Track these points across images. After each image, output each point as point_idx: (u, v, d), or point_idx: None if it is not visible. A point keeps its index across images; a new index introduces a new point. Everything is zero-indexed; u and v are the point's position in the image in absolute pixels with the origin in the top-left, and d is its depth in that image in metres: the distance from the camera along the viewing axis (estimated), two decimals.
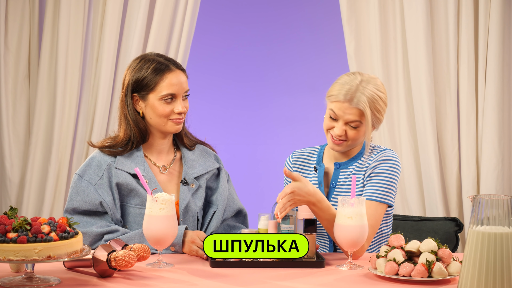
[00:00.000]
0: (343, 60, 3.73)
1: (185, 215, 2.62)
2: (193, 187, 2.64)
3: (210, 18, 4.41)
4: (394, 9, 3.55)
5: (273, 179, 4.61)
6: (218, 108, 4.51)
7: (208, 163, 2.71)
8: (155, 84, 2.57)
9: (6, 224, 2.01)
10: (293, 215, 2.44)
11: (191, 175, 2.65)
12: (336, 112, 2.59)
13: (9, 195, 3.59)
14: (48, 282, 2.05)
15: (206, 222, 2.68)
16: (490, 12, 3.44)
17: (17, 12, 3.56)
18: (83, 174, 2.56)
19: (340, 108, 2.58)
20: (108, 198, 2.53)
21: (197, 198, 2.65)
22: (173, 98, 2.58)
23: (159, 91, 2.57)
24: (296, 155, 2.78)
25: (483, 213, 1.89)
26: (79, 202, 2.53)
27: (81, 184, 2.54)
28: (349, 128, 2.58)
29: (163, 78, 2.57)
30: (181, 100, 2.59)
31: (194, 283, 2.11)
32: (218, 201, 2.69)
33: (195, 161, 2.69)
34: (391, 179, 2.59)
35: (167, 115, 2.58)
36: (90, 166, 2.57)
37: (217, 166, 2.73)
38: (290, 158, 2.78)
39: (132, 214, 2.57)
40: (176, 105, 2.58)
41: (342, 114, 2.58)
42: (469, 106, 3.49)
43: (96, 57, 3.60)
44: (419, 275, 2.12)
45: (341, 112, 2.58)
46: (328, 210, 2.43)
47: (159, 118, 2.58)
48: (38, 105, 3.56)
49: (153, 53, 2.65)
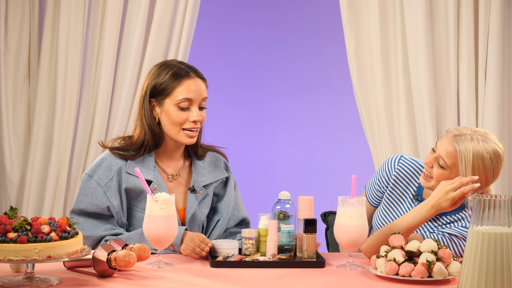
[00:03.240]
0: (343, 60, 3.73)
1: (191, 223, 2.61)
2: (201, 195, 2.63)
3: (210, 18, 4.41)
4: (394, 9, 3.55)
5: (272, 179, 4.62)
6: (217, 108, 4.51)
7: (217, 171, 2.69)
8: (172, 89, 2.54)
9: (6, 224, 2.01)
10: (293, 215, 2.45)
11: (199, 183, 2.64)
12: (437, 144, 2.42)
13: (9, 195, 3.59)
14: (48, 282, 2.05)
15: (209, 229, 2.67)
16: (490, 12, 3.44)
17: (17, 12, 3.56)
18: (92, 175, 2.54)
19: (442, 141, 2.41)
20: (116, 202, 2.52)
21: (204, 206, 2.64)
22: (189, 105, 2.54)
23: (176, 96, 2.53)
24: (404, 163, 2.58)
25: (483, 213, 1.89)
26: (86, 204, 2.52)
27: (89, 185, 2.53)
28: (436, 166, 2.42)
29: (181, 84, 2.54)
30: (197, 108, 2.55)
31: (194, 283, 2.11)
32: (222, 210, 2.67)
33: (204, 168, 2.66)
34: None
35: (181, 123, 2.53)
36: (100, 167, 2.55)
37: (226, 175, 2.70)
38: (395, 164, 2.58)
39: (138, 217, 2.56)
40: (191, 113, 2.53)
41: (438, 146, 2.41)
42: (469, 106, 3.49)
43: (96, 57, 3.60)
44: (419, 275, 2.12)
45: (439, 144, 2.41)
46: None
47: (173, 126, 2.54)
48: (38, 105, 3.56)
49: (175, 60, 2.63)
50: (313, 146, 4.55)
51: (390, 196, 2.61)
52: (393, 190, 2.60)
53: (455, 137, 2.38)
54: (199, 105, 2.56)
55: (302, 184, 4.52)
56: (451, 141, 2.38)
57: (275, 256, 2.37)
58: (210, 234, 2.66)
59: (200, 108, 2.57)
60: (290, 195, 2.48)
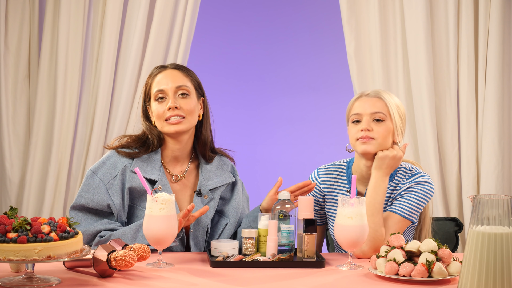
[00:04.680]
0: (343, 60, 3.73)
1: (196, 226, 2.60)
2: (206, 199, 2.63)
3: (210, 18, 4.41)
4: (394, 9, 3.55)
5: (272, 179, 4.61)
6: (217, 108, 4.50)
7: (224, 175, 2.69)
8: (150, 88, 2.62)
9: (6, 224, 2.01)
10: (293, 215, 2.45)
11: (206, 186, 2.64)
12: (358, 110, 2.57)
13: (9, 195, 3.59)
14: (48, 282, 2.05)
15: (216, 233, 2.65)
16: (490, 12, 3.44)
17: (17, 12, 3.56)
18: (96, 171, 2.56)
19: (361, 105, 2.57)
20: (117, 200, 2.52)
21: (209, 210, 2.63)
22: (163, 95, 2.58)
23: (152, 93, 2.60)
24: (324, 173, 2.72)
25: (483, 213, 1.89)
26: (88, 200, 2.53)
27: (92, 181, 2.54)
28: (374, 124, 2.54)
29: (154, 79, 2.62)
30: (174, 97, 2.58)
31: (194, 283, 2.11)
32: (230, 214, 2.67)
33: (211, 172, 2.67)
34: (421, 199, 2.56)
35: (161, 115, 2.57)
36: (105, 164, 2.56)
37: (233, 179, 2.70)
38: (317, 176, 2.73)
39: (140, 216, 2.56)
40: (167, 102, 2.58)
41: (363, 108, 2.56)
42: (469, 106, 3.49)
43: (96, 57, 3.60)
44: (419, 275, 2.12)
45: (362, 107, 2.56)
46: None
47: (158, 121, 2.59)
48: (38, 105, 3.56)
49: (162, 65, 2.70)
50: (313, 146, 4.55)
51: (331, 206, 2.70)
52: (330, 198, 2.69)
53: (375, 93, 2.58)
54: (177, 92, 2.59)
55: None
56: (374, 97, 2.57)
57: (275, 256, 2.37)
58: (219, 238, 2.64)
59: (182, 95, 2.59)
60: (290, 195, 2.48)
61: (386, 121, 2.55)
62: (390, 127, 2.55)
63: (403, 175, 2.61)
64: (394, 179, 2.62)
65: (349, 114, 2.60)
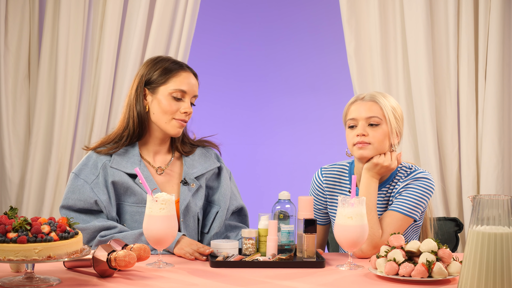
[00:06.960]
0: (343, 60, 3.73)
1: (186, 215, 2.62)
2: (194, 187, 2.65)
3: (210, 18, 4.41)
4: (394, 9, 3.55)
5: (273, 179, 4.62)
6: (218, 108, 4.51)
7: (208, 162, 2.71)
8: (168, 78, 2.61)
9: (6, 224, 2.01)
10: (293, 215, 2.45)
11: (191, 175, 2.66)
12: (354, 115, 2.57)
13: (9, 195, 3.59)
14: (48, 282, 2.05)
15: (209, 222, 2.67)
16: (490, 12, 3.44)
17: (17, 12, 3.56)
18: (79, 173, 2.58)
19: (356, 109, 2.57)
20: (103, 196, 2.54)
21: (198, 198, 2.65)
22: (181, 96, 2.60)
23: (170, 85, 2.59)
24: (327, 172, 2.72)
25: (483, 213, 1.89)
26: (74, 200, 2.55)
27: (77, 183, 2.57)
28: (370, 128, 2.55)
29: (177, 74, 2.61)
30: (189, 102, 2.61)
31: (194, 283, 2.11)
32: (220, 201, 2.69)
33: (195, 160, 2.70)
34: (422, 196, 2.56)
35: (172, 113, 2.59)
36: (87, 166, 2.60)
37: (218, 165, 2.73)
38: (320, 176, 2.73)
39: (129, 212, 2.58)
40: (183, 105, 2.60)
41: (359, 112, 2.56)
42: (469, 106, 3.49)
43: (96, 57, 3.60)
44: (419, 275, 2.12)
45: (357, 111, 2.57)
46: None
47: (163, 115, 2.59)
48: (38, 105, 3.56)
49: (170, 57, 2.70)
50: (313, 146, 4.55)
51: (333, 206, 2.70)
52: (332, 198, 2.69)
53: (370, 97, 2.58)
54: (190, 100, 2.62)
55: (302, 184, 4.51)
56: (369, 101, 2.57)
57: (275, 256, 2.37)
58: (211, 227, 2.66)
59: (191, 102, 2.64)
60: (290, 195, 2.48)
61: (382, 125, 2.55)
62: (386, 131, 2.55)
63: (402, 173, 2.61)
64: (394, 178, 2.62)
65: (345, 119, 2.61)
